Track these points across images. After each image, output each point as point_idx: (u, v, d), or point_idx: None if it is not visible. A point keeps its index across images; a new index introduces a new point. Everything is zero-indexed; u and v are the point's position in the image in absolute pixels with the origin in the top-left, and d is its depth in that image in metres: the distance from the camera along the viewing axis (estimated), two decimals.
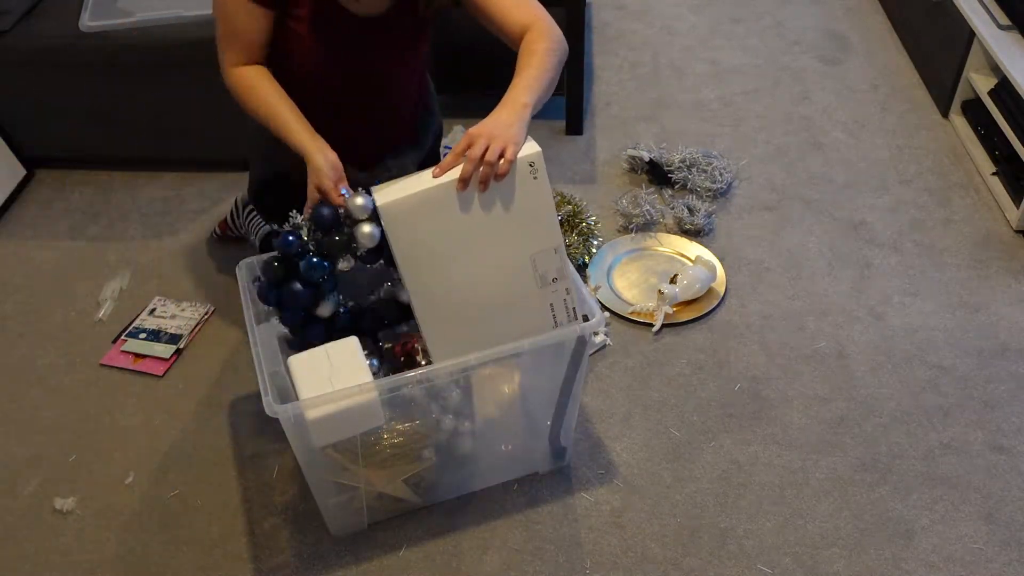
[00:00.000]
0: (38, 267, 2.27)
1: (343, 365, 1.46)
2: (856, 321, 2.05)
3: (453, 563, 1.62)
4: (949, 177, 2.45)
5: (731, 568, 1.60)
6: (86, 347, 2.05)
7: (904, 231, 2.28)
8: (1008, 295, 2.10)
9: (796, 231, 2.30)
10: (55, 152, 2.54)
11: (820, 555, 1.61)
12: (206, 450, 1.82)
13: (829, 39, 3.05)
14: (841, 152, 2.56)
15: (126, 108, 2.40)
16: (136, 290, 2.18)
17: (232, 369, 1.98)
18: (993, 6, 2.47)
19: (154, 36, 2.27)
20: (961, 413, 1.84)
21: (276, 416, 1.38)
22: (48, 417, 1.90)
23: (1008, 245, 2.23)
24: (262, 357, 1.47)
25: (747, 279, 2.16)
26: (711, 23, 3.16)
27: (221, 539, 1.67)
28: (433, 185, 1.39)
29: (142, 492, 1.76)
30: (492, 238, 1.43)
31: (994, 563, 1.59)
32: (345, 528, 1.66)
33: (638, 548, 1.63)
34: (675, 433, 1.83)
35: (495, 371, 1.55)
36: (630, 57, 3.00)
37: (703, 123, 2.69)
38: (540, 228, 1.44)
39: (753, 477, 1.74)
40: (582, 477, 1.75)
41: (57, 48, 2.30)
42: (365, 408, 1.41)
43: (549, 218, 1.43)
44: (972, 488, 1.71)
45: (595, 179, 2.49)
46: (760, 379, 1.93)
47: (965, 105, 2.59)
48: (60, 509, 1.73)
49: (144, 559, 1.65)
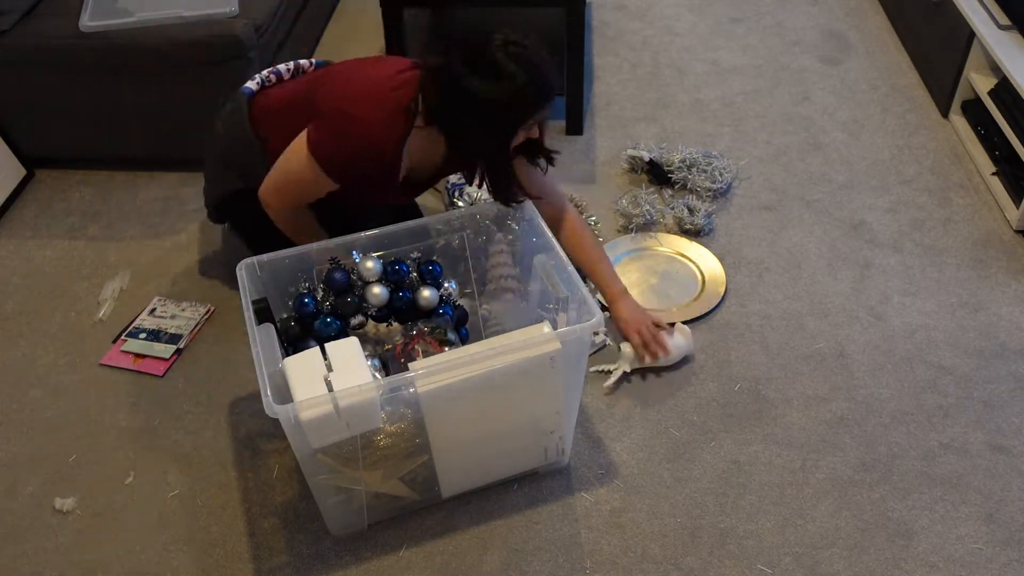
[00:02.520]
0: (38, 267, 2.27)
1: (343, 365, 1.46)
2: (856, 321, 2.05)
3: (453, 563, 1.62)
4: (949, 177, 2.45)
5: (731, 568, 1.60)
6: (86, 347, 2.05)
7: (904, 231, 2.28)
8: (1008, 295, 2.10)
9: (796, 231, 2.30)
10: (55, 152, 2.54)
11: (820, 555, 1.61)
12: (206, 450, 1.82)
13: (829, 39, 3.05)
14: (841, 152, 2.56)
15: (126, 108, 2.40)
16: (136, 290, 2.18)
17: (232, 369, 1.98)
18: (993, 6, 2.47)
19: (154, 36, 2.26)
20: (961, 413, 1.84)
21: (276, 416, 1.38)
22: (48, 417, 1.90)
23: (1008, 245, 2.23)
24: (262, 357, 1.47)
25: (747, 279, 2.16)
26: (711, 23, 3.16)
27: (221, 539, 1.67)
28: (470, 375, 1.48)
29: (142, 492, 1.76)
30: (507, 408, 1.58)
31: (994, 563, 1.59)
32: (345, 528, 1.66)
33: (638, 548, 1.63)
34: (675, 433, 1.83)
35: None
36: (630, 57, 3.00)
37: (703, 123, 2.69)
38: (548, 400, 1.60)
39: (753, 477, 1.74)
40: (582, 477, 1.75)
41: (57, 48, 2.30)
42: (362, 409, 1.41)
43: (556, 392, 1.59)
44: (972, 488, 1.71)
45: (595, 179, 2.49)
46: (760, 379, 1.93)
47: (965, 105, 2.59)
48: (60, 509, 1.73)
49: (144, 559, 1.65)
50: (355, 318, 1.73)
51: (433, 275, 1.77)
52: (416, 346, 1.63)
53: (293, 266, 1.72)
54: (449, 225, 1.81)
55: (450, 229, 1.81)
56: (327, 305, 1.72)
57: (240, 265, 1.64)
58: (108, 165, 2.58)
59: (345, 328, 1.73)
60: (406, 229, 1.76)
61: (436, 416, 1.50)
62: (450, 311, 1.78)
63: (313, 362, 1.46)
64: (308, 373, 1.44)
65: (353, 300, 1.71)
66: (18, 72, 2.36)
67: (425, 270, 1.77)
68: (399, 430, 1.51)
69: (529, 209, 1.78)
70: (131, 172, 2.56)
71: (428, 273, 1.77)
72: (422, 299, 1.75)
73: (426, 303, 1.75)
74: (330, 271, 1.70)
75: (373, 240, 1.74)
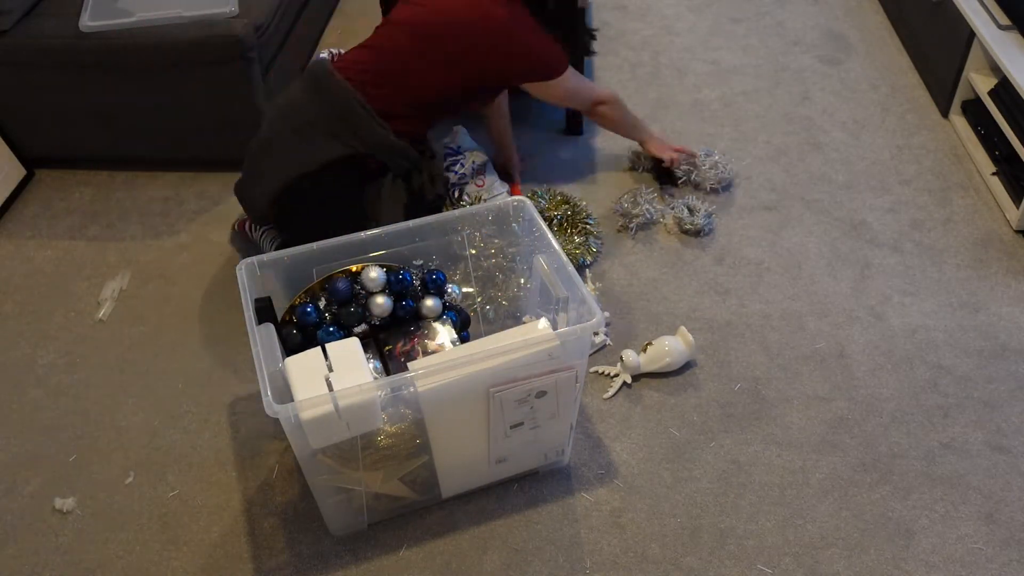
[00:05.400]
0: (38, 267, 2.27)
1: (343, 365, 1.46)
2: (856, 321, 2.05)
3: (453, 563, 1.62)
4: (949, 177, 2.45)
5: (731, 568, 1.60)
6: (86, 347, 2.05)
7: (904, 231, 2.28)
8: (1008, 295, 2.10)
9: (796, 231, 2.30)
10: (55, 152, 2.54)
11: (820, 555, 1.61)
12: (206, 450, 1.82)
13: (829, 39, 3.05)
14: (841, 152, 2.56)
15: (126, 108, 2.40)
16: (136, 290, 2.19)
17: (232, 369, 1.98)
18: (993, 6, 2.47)
19: (154, 36, 2.26)
20: (961, 413, 1.84)
21: (276, 416, 1.38)
22: (48, 417, 1.90)
23: (1008, 245, 2.23)
24: (262, 357, 1.47)
25: (747, 279, 2.16)
26: (711, 23, 3.16)
27: (221, 539, 1.67)
28: (470, 375, 1.47)
29: (142, 492, 1.76)
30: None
31: (994, 563, 1.59)
32: (345, 528, 1.66)
33: (638, 548, 1.63)
34: (675, 433, 1.83)
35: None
36: (630, 57, 3.00)
37: (703, 123, 2.69)
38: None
39: (753, 477, 1.74)
40: (582, 477, 1.75)
41: (57, 48, 2.30)
42: (363, 409, 1.41)
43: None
44: (972, 488, 1.71)
45: (595, 179, 2.49)
46: (760, 379, 1.93)
47: (965, 105, 2.59)
48: (60, 509, 1.73)
49: (144, 559, 1.65)
50: (358, 328, 1.72)
51: (437, 283, 1.76)
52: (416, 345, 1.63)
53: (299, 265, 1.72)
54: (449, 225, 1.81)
55: (450, 229, 1.81)
56: (328, 315, 1.71)
57: (240, 265, 1.64)
58: (108, 165, 2.58)
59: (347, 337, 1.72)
60: (406, 229, 1.76)
61: (436, 416, 1.50)
62: (453, 316, 1.78)
63: (313, 362, 1.46)
64: (308, 373, 1.44)
65: (356, 310, 1.70)
66: (18, 72, 2.36)
67: (429, 279, 1.77)
68: (399, 430, 1.51)
69: (529, 209, 1.78)
70: (131, 172, 2.56)
71: (432, 282, 1.76)
72: (425, 308, 1.74)
73: (429, 313, 1.75)
74: (333, 281, 1.69)
75: (373, 240, 1.73)
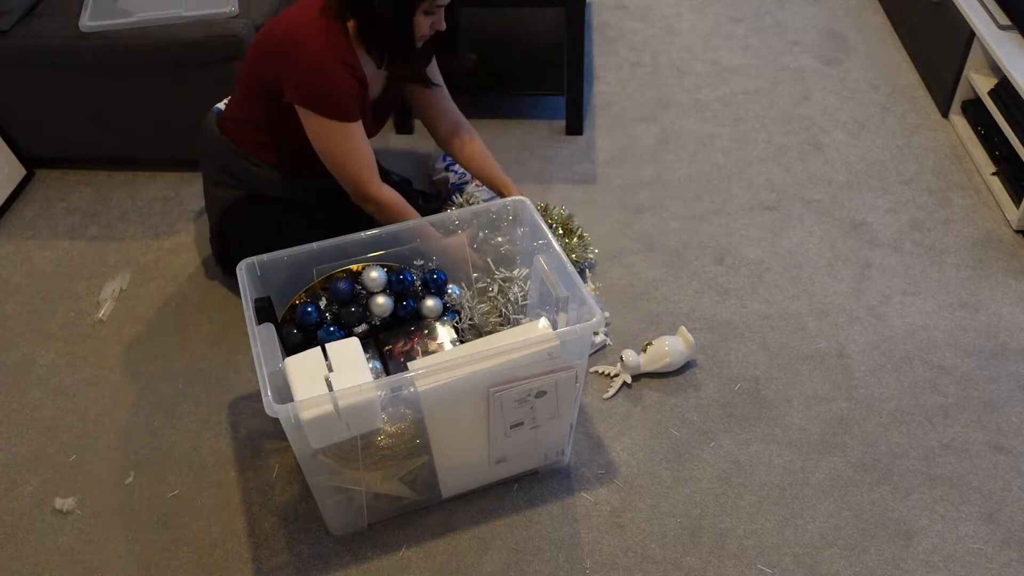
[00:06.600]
0: (38, 267, 2.27)
1: (343, 365, 1.46)
2: (856, 321, 2.05)
3: (453, 563, 1.62)
4: (949, 177, 2.45)
5: (731, 568, 1.60)
6: (86, 347, 2.05)
7: (904, 231, 2.28)
8: (1008, 295, 2.10)
9: (796, 231, 2.30)
10: (55, 152, 2.54)
11: (820, 555, 1.61)
12: (206, 450, 1.82)
13: (829, 39, 3.05)
14: (841, 152, 2.56)
15: (126, 108, 2.40)
16: (136, 290, 2.18)
17: (232, 369, 1.98)
18: (993, 6, 2.47)
19: (154, 36, 2.26)
20: (961, 413, 1.84)
21: (276, 416, 1.38)
22: (48, 417, 1.90)
23: (1008, 245, 2.23)
24: (262, 357, 1.47)
25: (747, 279, 2.16)
26: (711, 23, 3.16)
27: (221, 539, 1.67)
28: (470, 374, 1.47)
29: (142, 492, 1.76)
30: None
31: (994, 563, 1.59)
32: (345, 528, 1.66)
33: (638, 548, 1.63)
34: (675, 433, 1.83)
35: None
36: (630, 57, 3.00)
37: (703, 123, 2.69)
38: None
39: (753, 477, 1.74)
40: (582, 477, 1.75)
41: (57, 48, 2.29)
42: (363, 409, 1.41)
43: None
44: (972, 488, 1.71)
45: (595, 179, 2.49)
46: (760, 379, 1.93)
47: (965, 105, 2.59)
48: (60, 509, 1.73)
49: (144, 559, 1.65)
50: (359, 328, 1.72)
51: (438, 283, 1.77)
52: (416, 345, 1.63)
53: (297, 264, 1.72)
54: (449, 225, 1.81)
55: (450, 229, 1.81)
56: (328, 315, 1.71)
57: (240, 265, 1.64)
58: (108, 165, 2.58)
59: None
60: (406, 229, 1.76)
61: (436, 416, 1.50)
62: (454, 316, 1.78)
63: (313, 362, 1.46)
64: (308, 373, 1.44)
65: (357, 310, 1.71)
66: (18, 72, 2.36)
67: (430, 279, 1.77)
68: (399, 430, 1.51)
69: (529, 209, 1.78)
70: (131, 172, 2.56)
71: (433, 282, 1.77)
72: (426, 309, 1.75)
73: (430, 313, 1.75)
74: (334, 281, 1.69)
75: (373, 240, 1.74)
